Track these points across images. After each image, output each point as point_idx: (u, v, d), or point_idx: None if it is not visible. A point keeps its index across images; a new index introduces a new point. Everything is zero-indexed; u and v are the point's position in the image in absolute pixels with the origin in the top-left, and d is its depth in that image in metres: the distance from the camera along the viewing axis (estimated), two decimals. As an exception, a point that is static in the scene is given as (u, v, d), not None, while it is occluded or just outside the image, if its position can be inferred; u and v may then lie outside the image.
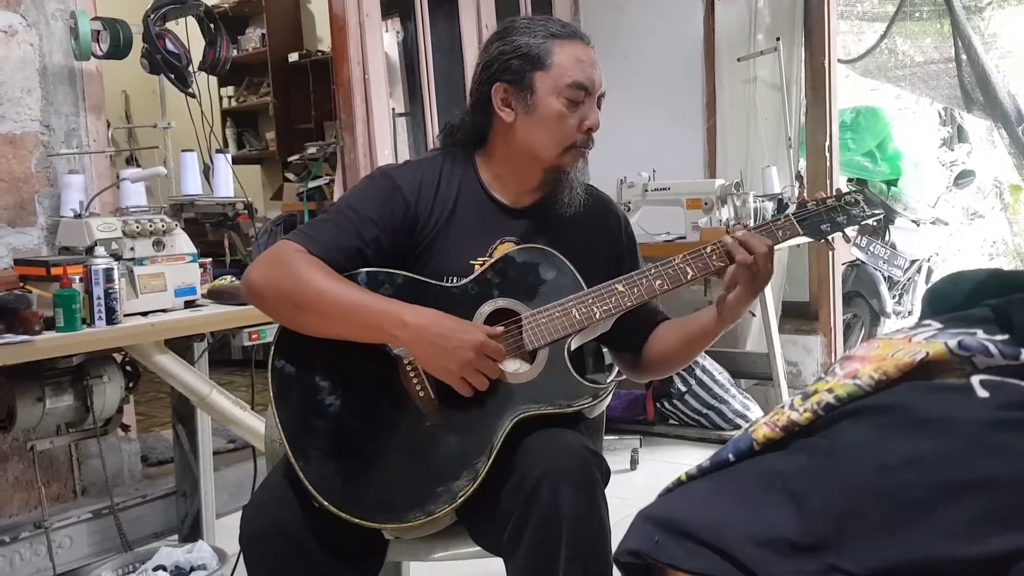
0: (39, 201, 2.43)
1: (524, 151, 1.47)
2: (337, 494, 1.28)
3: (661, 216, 3.65)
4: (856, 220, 1.44)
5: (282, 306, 1.37)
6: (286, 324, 1.39)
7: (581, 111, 1.45)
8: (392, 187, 1.46)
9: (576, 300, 1.39)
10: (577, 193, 1.49)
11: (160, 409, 3.64)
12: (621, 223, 1.61)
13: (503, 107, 1.46)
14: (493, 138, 1.50)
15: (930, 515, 0.73)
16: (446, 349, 1.31)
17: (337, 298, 1.34)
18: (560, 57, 1.43)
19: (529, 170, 1.48)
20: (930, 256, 5.01)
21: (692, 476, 0.87)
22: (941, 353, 0.81)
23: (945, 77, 4.34)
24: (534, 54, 1.43)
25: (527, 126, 1.45)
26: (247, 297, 1.42)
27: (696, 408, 3.52)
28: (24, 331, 1.79)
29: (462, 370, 1.32)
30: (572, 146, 1.46)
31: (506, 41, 1.46)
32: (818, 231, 1.44)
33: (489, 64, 1.47)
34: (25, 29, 2.41)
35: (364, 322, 1.34)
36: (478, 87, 1.49)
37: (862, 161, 4.89)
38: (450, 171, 1.51)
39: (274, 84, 5.47)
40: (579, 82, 1.43)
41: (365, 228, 1.42)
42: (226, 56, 2.63)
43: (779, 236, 1.43)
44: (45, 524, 2.23)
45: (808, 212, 1.45)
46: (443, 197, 1.48)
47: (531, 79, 1.43)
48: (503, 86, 1.45)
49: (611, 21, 4.18)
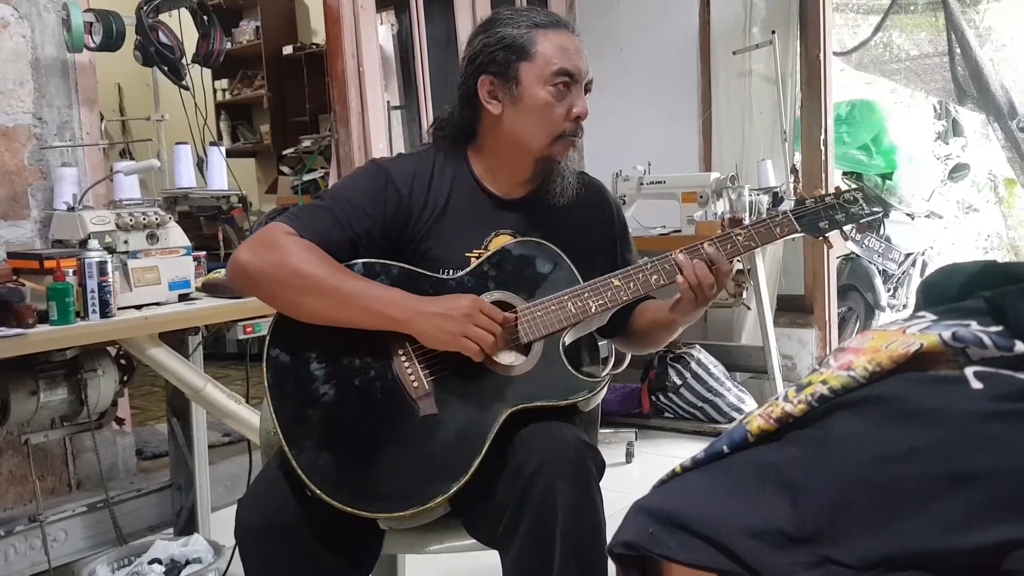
0: (32, 194, 2.42)
1: (513, 142, 1.47)
2: (331, 483, 1.29)
3: (656, 210, 3.65)
4: (855, 218, 1.44)
5: (277, 290, 1.36)
6: (280, 308, 1.38)
7: (568, 99, 1.44)
8: (386, 179, 1.46)
9: (572, 293, 1.40)
10: (569, 182, 1.49)
11: (155, 403, 3.64)
12: (613, 209, 1.62)
13: (490, 99, 1.46)
14: (483, 131, 1.50)
15: (924, 506, 0.73)
16: (443, 316, 1.32)
17: (336, 284, 1.34)
18: (544, 46, 1.43)
19: (520, 161, 1.48)
20: (925, 250, 5.03)
21: (687, 468, 0.88)
22: (935, 344, 0.81)
23: (939, 71, 4.34)
24: (518, 44, 1.43)
25: (515, 117, 1.45)
26: (235, 279, 1.40)
27: (691, 401, 3.53)
28: (17, 324, 1.78)
29: (462, 326, 1.31)
30: (561, 135, 1.46)
31: (489, 33, 1.46)
32: (816, 228, 1.44)
33: (474, 57, 1.47)
34: (17, 21, 2.40)
35: (363, 306, 1.33)
36: (464, 81, 1.49)
37: (857, 155, 4.91)
38: (443, 164, 1.50)
39: (268, 77, 5.46)
40: (564, 69, 1.43)
41: (358, 219, 1.42)
42: (220, 48, 2.62)
43: (777, 233, 1.43)
44: (40, 518, 2.22)
45: (806, 209, 1.45)
46: (436, 190, 1.48)
47: (516, 70, 1.43)
48: (489, 78, 1.45)
49: (606, 15, 4.17)
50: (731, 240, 1.42)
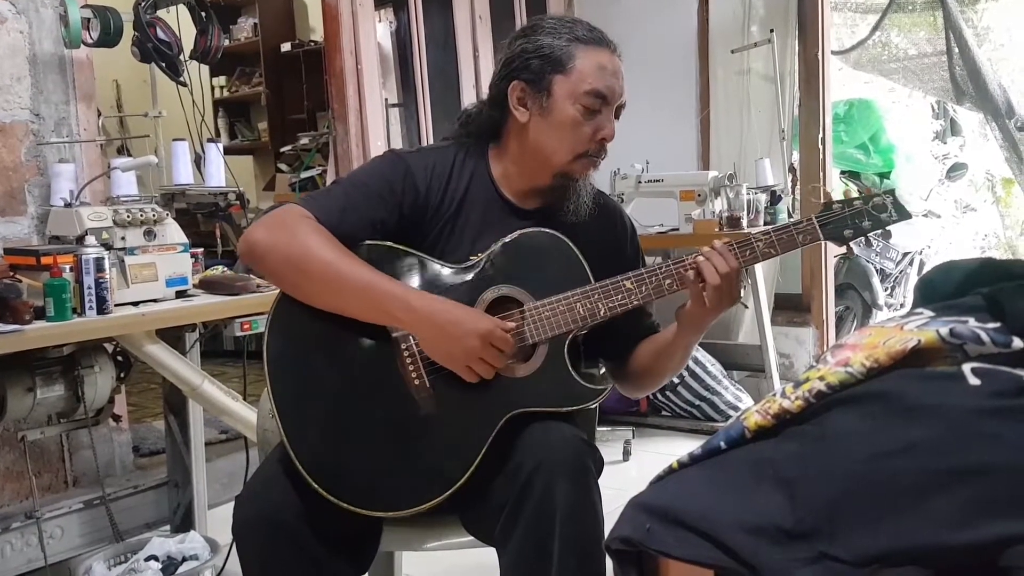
0: (29, 190, 2.42)
1: (535, 153, 1.44)
2: (329, 479, 1.28)
3: (654, 208, 3.65)
4: (882, 224, 1.35)
5: (285, 270, 1.34)
6: (286, 288, 1.36)
7: (597, 120, 1.41)
8: (405, 171, 1.44)
9: (582, 294, 1.36)
10: (584, 202, 1.46)
11: (152, 399, 3.63)
12: (628, 233, 1.58)
13: (518, 106, 1.43)
14: (507, 135, 1.48)
15: (921, 502, 0.73)
16: (454, 337, 1.29)
17: (345, 272, 1.32)
18: (582, 62, 1.40)
19: (538, 172, 1.46)
20: (922, 248, 5.03)
21: (684, 464, 0.88)
22: (933, 341, 0.81)
23: (937, 70, 4.34)
24: (556, 56, 1.40)
25: (540, 128, 1.42)
26: (245, 255, 1.38)
27: (689, 399, 3.53)
28: (14, 321, 1.78)
29: (468, 358, 1.30)
30: (584, 154, 1.43)
31: (530, 40, 1.43)
32: (840, 237, 1.34)
33: (510, 60, 1.44)
34: (14, 16, 2.39)
35: (370, 300, 1.32)
36: (497, 82, 1.46)
37: (855, 153, 4.91)
38: (462, 162, 1.48)
39: (266, 74, 5.44)
40: (598, 90, 1.39)
41: (374, 208, 1.40)
42: (217, 45, 2.61)
43: (799, 241, 1.35)
44: (36, 514, 2.22)
45: (832, 215, 1.35)
46: (454, 188, 1.46)
47: (549, 81, 1.40)
48: (520, 85, 1.42)
49: (605, 13, 4.17)
50: (751, 246, 1.35)
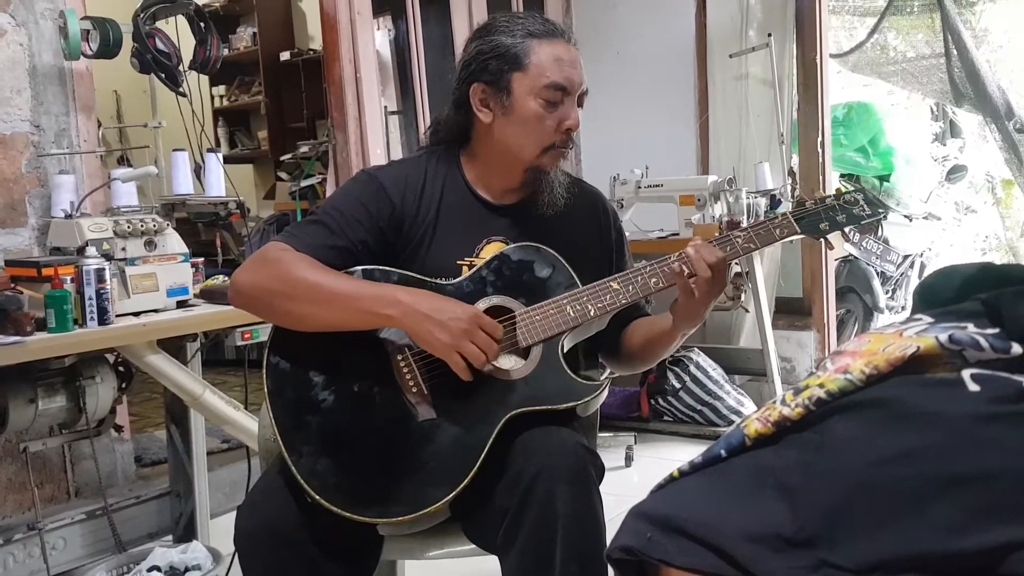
0: (30, 201, 2.42)
1: (503, 151, 1.46)
2: (330, 489, 1.29)
3: (654, 213, 3.66)
4: (856, 219, 1.43)
5: (274, 302, 1.36)
6: (279, 320, 1.38)
7: (560, 111, 1.43)
8: (377, 188, 1.45)
9: (571, 297, 1.39)
10: (558, 193, 1.48)
11: (153, 409, 3.63)
12: (611, 218, 1.60)
13: (481, 107, 1.45)
14: (475, 137, 1.50)
15: (922, 509, 0.73)
16: (440, 321, 1.30)
17: (331, 286, 1.33)
18: (538, 57, 1.41)
19: (510, 170, 1.48)
20: (923, 251, 5.03)
21: (684, 472, 0.87)
22: (932, 347, 0.81)
23: (936, 72, 4.35)
24: (512, 54, 1.42)
25: (505, 127, 1.44)
26: (234, 299, 1.41)
27: (690, 404, 3.53)
28: (15, 332, 1.78)
29: (456, 341, 1.30)
30: (551, 147, 1.45)
31: (484, 40, 1.45)
32: (816, 230, 1.42)
33: (468, 63, 1.46)
34: (14, 29, 2.40)
35: (359, 306, 1.33)
36: (458, 86, 1.48)
37: (854, 157, 4.91)
38: (434, 170, 1.50)
39: (266, 83, 5.46)
40: (557, 82, 1.41)
41: (352, 229, 1.42)
42: (216, 55, 2.62)
43: (776, 234, 1.41)
44: (39, 525, 2.22)
45: (806, 211, 1.44)
46: (428, 197, 1.47)
47: (508, 79, 1.42)
48: (481, 86, 1.44)
49: (603, 18, 4.18)
50: (730, 242, 1.40)
